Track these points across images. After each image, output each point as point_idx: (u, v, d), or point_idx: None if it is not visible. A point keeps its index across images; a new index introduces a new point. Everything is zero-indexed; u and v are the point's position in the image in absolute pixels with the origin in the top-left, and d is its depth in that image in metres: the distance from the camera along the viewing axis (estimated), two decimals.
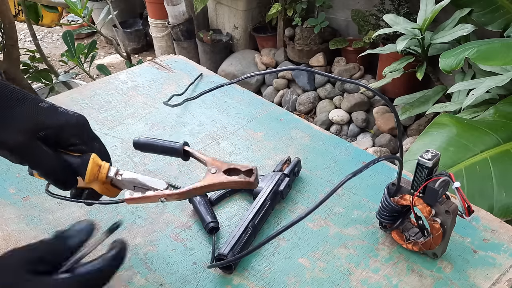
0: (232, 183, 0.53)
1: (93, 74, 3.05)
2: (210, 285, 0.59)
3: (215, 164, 0.55)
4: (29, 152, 0.48)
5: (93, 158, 0.52)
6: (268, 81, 2.80)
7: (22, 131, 0.48)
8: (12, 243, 0.65)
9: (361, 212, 0.69)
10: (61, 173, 0.51)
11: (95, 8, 2.98)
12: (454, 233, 0.63)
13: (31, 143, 0.48)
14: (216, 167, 0.54)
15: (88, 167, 0.51)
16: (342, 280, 0.59)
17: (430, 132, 1.26)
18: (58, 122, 0.50)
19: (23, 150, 0.48)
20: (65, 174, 0.51)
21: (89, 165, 0.51)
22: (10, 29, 1.74)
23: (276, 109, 0.95)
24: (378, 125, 2.33)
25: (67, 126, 0.51)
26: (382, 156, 0.51)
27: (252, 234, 0.63)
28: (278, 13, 2.68)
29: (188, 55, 2.89)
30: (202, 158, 0.57)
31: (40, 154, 0.49)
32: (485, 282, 0.57)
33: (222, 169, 0.54)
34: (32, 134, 0.48)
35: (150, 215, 0.70)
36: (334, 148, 0.83)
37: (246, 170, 0.53)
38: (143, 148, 0.63)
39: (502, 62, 1.28)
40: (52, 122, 0.50)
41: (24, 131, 0.48)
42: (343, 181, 0.47)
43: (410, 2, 2.19)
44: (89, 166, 0.51)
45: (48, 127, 0.49)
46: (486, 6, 1.77)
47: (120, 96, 1.00)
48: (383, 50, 2.01)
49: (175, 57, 1.17)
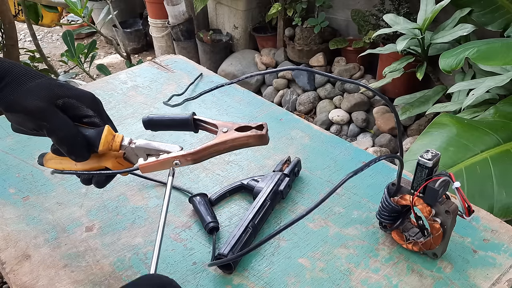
0: (245, 137, 0.53)
1: (93, 74, 3.05)
2: (210, 285, 0.59)
3: (227, 125, 0.55)
4: (47, 116, 0.50)
5: (107, 127, 0.53)
6: (268, 81, 2.80)
7: (41, 97, 0.50)
8: (12, 243, 0.65)
9: (361, 212, 0.69)
10: (76, 140, 0.52)
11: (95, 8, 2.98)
12: (454, 233, 0.63)
13: (50, 108, 0.50)
14: (227, 126, 0.55)
15: (103, 135, 0.52)
16: (342, 280, 0.59)
17: (430, 132, 1.25)
18: (75, 93, 0.53)
19: (42, 114, 0.50)
20: (79, 142, 0.52)
21: (104, 133, 0.52)
22: (10, 29, 1.74)
23: (276, 109, 0.95)
24: (378, 125, 2.33)
25: (83, 97, 0.54)
26: (382, 155, 0.51)
27: (252, 234, 0.63)
28: (278, 13, 2.68)
29: (188, 55, 2.89)
30: (212, 122, 0.57)
31: (58, 119, 0.51)
32: (485, 282, 0.57)
33: (233, 127, 0.55)
34: (51, 100, 0.51)
35: (150, 215, 0.70)
36: (334, 148, 0.82)
37: (257, 126, 0.54)
38: (153, 126, 0.62)
39: (502, 62, 1.28)
40: (71, 92, 0.53)
41: (43, 97, 0.50)
42: (344, 179, 0.47)
43: (410, 2, 2.19)
44: (103, 134, 0.52)
45: (66, 96, 0.52)
46: (486, 6, 1.77)
47: (120, 96, 1.00)
48: (383, 50, 2.00)
49: (175, 57, 1.17)
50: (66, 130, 0.51)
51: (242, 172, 0.78)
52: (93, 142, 0.52)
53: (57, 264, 0.62)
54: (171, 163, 0.53)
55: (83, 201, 0.72)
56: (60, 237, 0.66)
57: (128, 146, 0.54)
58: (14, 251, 0.64)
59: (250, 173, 0.77)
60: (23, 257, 0.63)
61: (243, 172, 0.78)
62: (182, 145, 0.83)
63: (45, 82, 0.52)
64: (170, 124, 0.61)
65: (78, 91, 0.54)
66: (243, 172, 0.78)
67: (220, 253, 0.59)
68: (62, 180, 0.76)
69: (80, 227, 0.68)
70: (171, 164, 0.53)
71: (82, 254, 0.63)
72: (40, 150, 0.57)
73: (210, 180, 0.76)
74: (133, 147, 0.54)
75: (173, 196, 0.73)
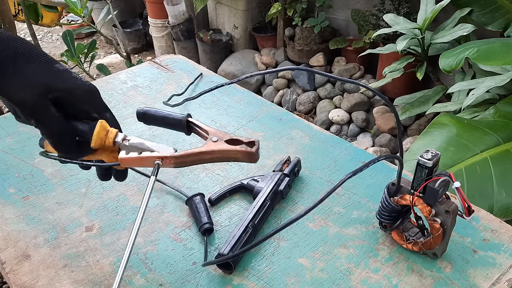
0: (233, 151, 0.51)
1: (93, 74, 3.05)
2: (210, 285, 0.59)
3: (218, 134, 0.54)
4: (36, 110, 0.48)
5: (100, 122, 0.51)
6: (268, 81, 2.80)
7: (33, 87, 0.48)
8: (12, 243, 0.65)
9: (361, 212, 0.69)
10: (63, 138, 0.51)
11: (95, 8, 2.98)
12: (454, 233, 0.63)
13: (40, 101, 0.48)
14: (218, 136, 0.53)
15: (95, 131, 0.51)
16: (342, 280, 0.59)
17: (430, 132, 1.25)
18: (69, 86, 0.50)
19: (31, 106, 0.48)
20: (67, 140, 0.51)
21: (96, 129, 0.51)
22: (10, 29, 1.74)
23: (276, 109, 0.95)
24: (378, 125, 2.33)
25: (78, 91, 0.50)
26: (382, 155, 0.51)
27: (252, 234, 0.63)
28: (278, 13, 2.68)
29: (188, 55, 2.89)
30: (204, 128, 0.56)
31: (47, 114, 0.49)
32: (485, 282, 0.57)
33: (224, 138, 0.53)
34: (42, 93, 0.48)
35: (150, 215, 0.70)
36: (334, 148, 0.82)
37: (248, 142, 0.51)
38: (146, 120, 0.61)
39: (502, 62, 1.28)
40: (64, 85, 0.50)
41: (35, 87, 0.48)
42: (343, 180, 0.47)
43: (410, 2, 2.19)
44: (96, 129, 0.51)
45: (59, 90, 0.49)
46: (486, 6, 1.77)
47: (120, 96, 1.00)
48: (383, 50, 2.00)
49: (175, 57, 1.17)
50: (53, 127, 0.49)
51: (242, 172, 0.78)
52: (86, 137, 0.51)
53: (57, 264, 0.62)
54: (152, 162, 0.52)
55: (83, 201, 0.72)
56: (60, 237, 0.66)
57: (122, 142, 0.53)
58: (14, 251, 0.64)
59: (250, 173, 0.77)
60: (23, 257, 0.63)
61: (243, 172, 0.78)
62: (181, 145, 0.83)
63: (42, 68, 0.49)
64: (163, 121, 0.59)
65: (73, 83, 0.50)
66: (243, 172, 0.78)
67: (220, 253, 0.59)
68: (62, 180, 0.76)
69: (80, 227, 0.68)
70: (152, 163, 0.52)
71: (82, 254, 0.63)
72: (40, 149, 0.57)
73: (210, 180, 0.76)
74: (126, 145, 0.53)
75: (173, 196, 0.73)
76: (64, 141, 0.51)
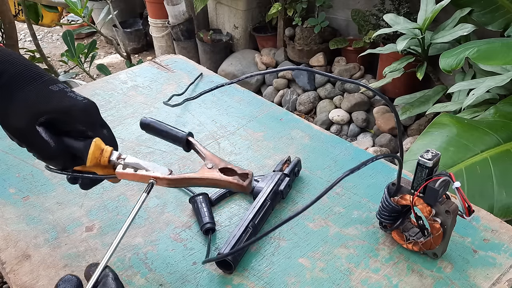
0: (225, 182, 0.53)
1: (93, 74, 3.05)
2: (210, 285, 0.59)
3: (213, 160, 0.55)
4: (26, 138, 0.49)
5: (95, 141, 0.51)
6: (268, 81, 2.80)
7: (23, 115, 0.48)
8: (12, 243, 0.65)
9: (361, 212, 0.69)
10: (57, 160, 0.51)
11: (95, 8, 2.98)
12: (454, 233, 0.63)
13: (30, 129, 0.48)
14: (213, 163, 0.55)
15: (90, 150, 0.51)
16: (342, 280, 0.59)
17: (430, 132, 1.25)
18: (62, 108, 0.50)
19: (22, 136, 0.49)
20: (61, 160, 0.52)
21: (91, 148, 0.51)
22: (10, 29, 1.74)
23: (276, 109, 0.95)
24: (378, 125, 2.33)
25: (72, 112, 0.50)
26: (381, 154, 0.50)
27: (252, 234, 0.63)
28: (278, 13, 2.68)
29: (188, 55, 2.89)
30: (202, 151, 0.58)
31: (37, 140, 0.49)
32: (485, 282, 0.57)
33: (218, 166, 0.54)
34: (32, 120, 0.48)
35: (150, 215, 0.70)
36: (334, 148, 0.82)
37: (241, 173, 0.53)
38: (149, 129, 0.62)
39: (502, 62, 1.28)
40: (56, 107, 0.49)
41: (25, 116, 0.48)
42: (341, 177, 0.47)
43: (410, 2, 2.19)
44: (91, 149, 0.51)
45: (50, 112, 0.49)
46: (486, 6, 1.77)
47: (120, 96, 1.00)
48: (383, 50, 2.00)
49: (175, 57, 1.17)
50: (45, 152, 0.50)
51: None
52: (80, 155, 0.51)
53: (57, 264, 0.62)
54: (147, 180, 0.53)
55: (83, 201, 0.72)
56: (60, 237, 0.66)
57: (117, 161, 0.53)
58: (14, 251, 0.64)
59: None
60: (23, 257, 0.63)
61: None
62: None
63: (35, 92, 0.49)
64: (165, 135, 0.62)
65: (67, 103, 0.50)
66: None
67: (220, 253, 0.59)
68: (62, 180, 0.76)
69: (80, 227, 0.68)
70: (147, 180, 0.53)
71: (82, 254, 0.63)
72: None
73: None
74: (121, 163, 0.53)
75: (174, 196, 0.73)
76: (59, 162, 0.52)
